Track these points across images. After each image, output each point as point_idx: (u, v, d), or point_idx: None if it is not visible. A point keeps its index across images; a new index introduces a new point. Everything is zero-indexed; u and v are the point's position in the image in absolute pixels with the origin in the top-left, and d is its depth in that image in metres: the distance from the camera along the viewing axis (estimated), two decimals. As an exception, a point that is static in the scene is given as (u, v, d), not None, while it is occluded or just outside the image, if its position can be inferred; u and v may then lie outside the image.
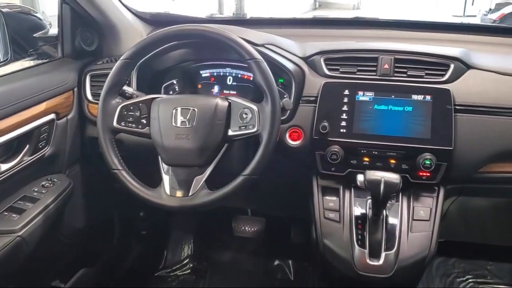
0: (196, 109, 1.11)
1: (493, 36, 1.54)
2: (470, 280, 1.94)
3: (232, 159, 1.28)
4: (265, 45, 1.30)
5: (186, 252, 2.09)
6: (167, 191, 1.12)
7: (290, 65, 1.30)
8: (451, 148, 1.17)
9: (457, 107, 1.21)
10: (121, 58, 1.16)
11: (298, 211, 1.53)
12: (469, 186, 1.29)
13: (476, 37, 1.53)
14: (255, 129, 1.09)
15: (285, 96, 1.30)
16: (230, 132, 1.12)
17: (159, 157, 1.16)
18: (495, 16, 7.89)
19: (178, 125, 1.11)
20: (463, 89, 1.23)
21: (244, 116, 1.11)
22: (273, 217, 2.09)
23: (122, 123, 1.16)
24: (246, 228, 2.12)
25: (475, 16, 9.44)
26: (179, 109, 1.12)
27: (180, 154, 1.11)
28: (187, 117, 1.11)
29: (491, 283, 1.94)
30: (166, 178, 1.14)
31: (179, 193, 1.12)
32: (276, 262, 2.05)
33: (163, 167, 1.16)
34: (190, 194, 1.11)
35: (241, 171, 1.10)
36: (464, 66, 1.26)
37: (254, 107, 1.11)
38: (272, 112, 1.09)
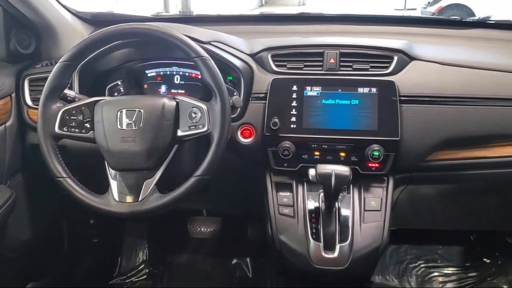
0: (142, 110, 1.08)
1: (433, 27, 1.60)
2: (422, 265, 2.02)
3: (183, 160, 1.25)
4: (212, 43, 1.28)
5: (141, 257, 2.04)
6: (116, 197, 1.09)
7: (238, 62, 1.28)
8: (398, 139, 1.20)
9: (402, 98, 1.24)
10: (60, 60, 1.11)
11: (253, 209, 1.53)
12: (417, 175, 1.33)
13: (417, 29, 1.58)
14: (205, 129, 1.07)
15: (234, 93, 1.29)
16: (180, 133, 1.09)
17: (106, 162, 1.12)
18: (433, 9, 8.24)
19: (124, 127, 1.07)
20: (407, 80, 1.26)
21: (193, 115, 1.09)
22: (229, 216, 2.08)
23: (65, 128, 1.11)
24: (202, 229, 2.09)
25: (415, 9, 9.81)
26: (124, 111, 1.08)
27: (127, 158, 1.07)
28: (133, 119, 1.08)
29: (442, 267, 2.02)
30: (114, 184, 1.10)
31: (128, 199, 1.09)
32: (234, 261, 2.04)
33: (110, 172, 1.12)
34: (140, 199, 1.07)
35: (193, 172, 1.08)
36: (407, 57, 1.29)
37: (203, 106, 1.09)
38: (222, 110, 1.07)
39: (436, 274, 2.00)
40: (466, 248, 2.06)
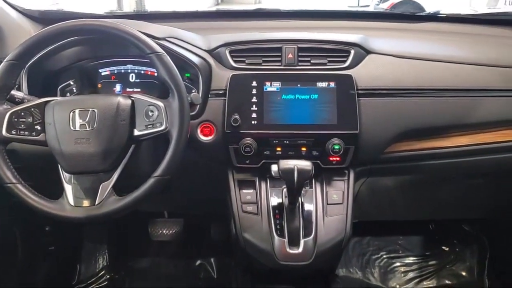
0: (96, 110, 1.03)
1: (388, 21, 1.62)
2: (384, 256, 2.06)
3: (141, 160, 1.21)
4: (167, 39, 1.25)
5: (101, 263, 1.97)
6: (71, 201, 1.04)
7: (195, 59, 1.26)
8: (357, 132, 1.21)
9: (360, 92, 1.24)
10: (5, 59, 1.05)
11: (216, 208, 1.50)
12: (377, 167, 1.35)
13: (373, 24, 1.60)
14: (163, 127, 1.04)
15: (193, 90, 1.26)
16: (136, 132, 1.06)
17: (59, 166, 1.06)
18: (386, 5, 8.45)
19: (77, 128, 1.03)
20: (364, 73, 1.27)
21: (150, 114, 1.05)
22: (191, 217, 2.04)
23: (13, 132, 1.05)
24: (164, 231, 2.04)
25: (368, 6, 10.02)
26: (77, 111, 1.03)
27: (81, 160, 1.02)
28: (87, 119, 1.03)
29: (403, 257, 2.07)
30: (68, 188, 1.05)
31: (85, 203, 1.04)
32: (198, 262, 2.01)
33: (64, 176, 1.07)
34: (97, 203, 1.03)
35: (152, 172, 1.04)
36: (363, 51, 1.30)
37: (160, 104, 1.05)
38: (180, 108, 1.04)
39: (398, 264, 2.05)
40: (426, 237, 2.12)
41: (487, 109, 1.29)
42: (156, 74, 1.31)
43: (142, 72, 1.36)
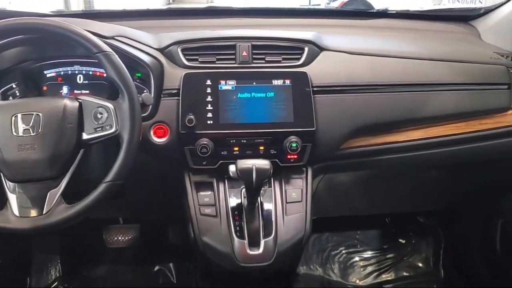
0: (40, 114, 0.97)
1: (340, 19, 1.64)
2: (343, 252, 2.08)
3: (91, 165, 1.16)
4: (115, 37, 1.20)
5: (53, 274, 1.88)
6: (16, 212, 0.97)
7: (146, 57, 1.21)
8: (314, 129, 1.20)
9: (315, 89, 1.24)
10: None
11: (173, 212, 1.46)
12: (334, 163, 1.35)
13: (325, 21, 1.61)
14: (113, 130, 0.99)
15: (144, 91, 1.21)
16: (85, 136, 1.00)
17: (1, 174, 1.00)
18: (336, 4, 8.62)
19: (20, 134, 0.96)
20: (319, 70, 1.27)
21: (99, 116, 1.00)
22: (147, 222, 1.98)
23: None
24: (119, 238, 1.97)
25: (319, 5, 10.19)
26: (19, 115, 0.97)
27: (26, 167, 0.96)
28: (30, 124, 0.96)
29: (361, 251, 2.10)
30: (13, 198, 0.98)
31: (32, 213, 0.97)
32: (157, 268, 1.96)
33: (8, 185, 0.99)
34: (44, 212, 0.97)
35: (103, 177, 0.99)
36: (317, 48, 1.30)
37: (110, 105, 1.00)
38: (130, 109, 1.00)
39: (357, 259, 2.08)
40: (382, 231, 2.17)
41: (439, 103, 1.32)
42: (105, 75, 1.25)
43: (90, 73, 1.30)
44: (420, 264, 2.07)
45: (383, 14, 1.72)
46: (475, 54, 1.42)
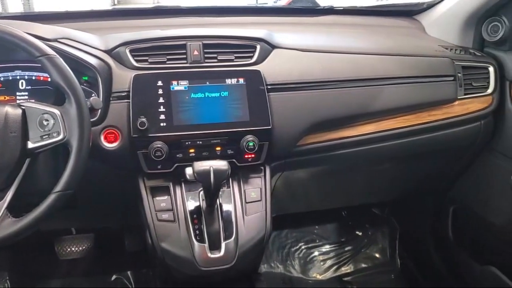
0: None
1: (290, 16, 1.65)
2: (303, 247, 2.10)
3: (39, 175, 1.10)
4: (59, 40, 1.14)
5: (1, 292, 1.78)
6: (-45, 229, 0.90)
7: (92, 60, 1.16)
8: (270, 127, 1.20)
9: (269, 87, 1.24)
10: None
11: (129, 218, 1.42)
12: (291, 161, 1.35)
13: (275, 19, 1.62)
14: (60, 137, 0.94)
15: (92, 94, 1.16)
16: (30, 145, 0.95)
17: None
18: (283, 2, 8.70)
19: None
20: (272, 68, 1.26)
21: (45, 123, 0.95)
22: (102, 230, 1.91)
23: None
24: (72, 249, 1.89)
25: (266, 3, 10.23)
26: None
27: None
28: None
29: (320, 245, 2.13)
30: None
31: None
32: (114, 277, 1.90)
33: None
34: None
35: (52, 187, 0.94)
36: (269, 46, 1.29)
37: (56, 111, 0.95)
38: (78, 114, 0.95)
39: (316, 253, 2.10)
40: (340, 224, 2.20)
41: (389, 97, 1.35)
42: (49, 79, 1.19)
43: (33, 77, 1.23)
44: (377, 255, 2.12)
45: (331, 10, 1.74)
46: (421, 48, 1.47)
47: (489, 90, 1.44)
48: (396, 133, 1.39)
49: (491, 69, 1.44)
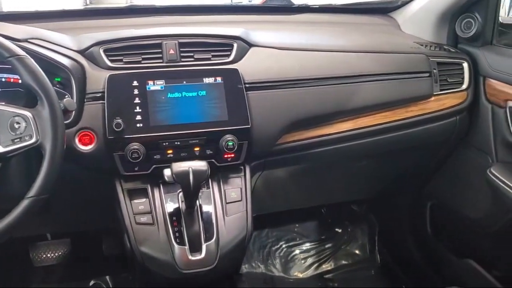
0: None
1: (266, 14, 1.64)
2: (284, 246, 2.10)
3: (11, 180, 1.06)
4: (29, 40, 1.11)
5: (-27, 303, 1.72)
6: None
7: (65, 60, 1.13)
8: (249, 126, 1.19)
9: (247, 86, 1.23)
10: None
11: (106, 222, 1.39)
12: (270, 160, 1.35)
13: (252, 17, 1.61)
14: (33, 140, 0.91)
15: (66, 96, 1.13)
16: (1, 149, 0.91)
17: None
18: (258, 1, 8.72)
19: None
20: (249, 67, 1.25)
21: (17, 126, 0.92)
22: (78, 235, 1.87)
23: None
24: (48, 255, 1.84)
25: (241, 1, 10.24)
26: None
27: None
28: None
29: (301, 244, 2.13)
30: None
31: None
32: (92, 282, 1.85)
33: None
34: None
35: (26, 192, 0.91)
36: (246, 44, 1.28)
37: (28, 114, 0.92)
38: (51, 116, 0.92)
39: (297, 252, 2.11)
40: (319, 222, 2.21)
41: (366, 94, 1.36)
42: (20, 81, 1.15)
43: (3, 79, 1.19)
44: (357, 251, 2.14)
45: (306, 9, 1.75)
46: (397, 45, 1.48)
47: (464, 86, 1.46)
48: (373, 130, 1.40)
49: (465, 65, 1.46)
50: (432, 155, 1.64)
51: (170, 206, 1.16)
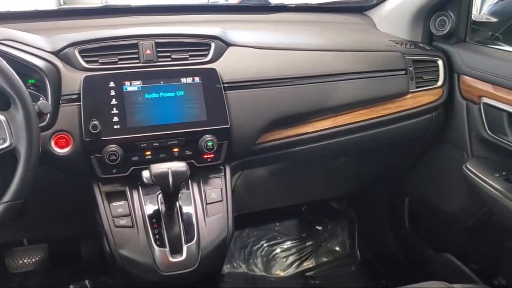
0: None
1: (243, 14, 1.64)
2: (265, 245, 2.10)
3: None
4: (1, 41, 1.08)
5: None
6: None
7: (39, 62, 1.10)
8: (228, 126, 1.19)
9: (226, 85, 1.22)
10: None
11: (84, 225, 1.36)
12: (250, 159, 1.35)
13: (229, 16, 1.61)
14: (7, 144, 0.89)
15: (40, 98, 1.10)
16: None
17: None
18: (235, 1, 8.71)
19: None
20: (227, 66, 1.25)
21: None
22: (56, 240, 1.83)
23: None
24: (25, 261, 1.80)
25: (218, 1, 10.21)
26: None
27: None
28: None
29: (282, 242, 2.14)
30: None
31: None
32: (71, 287, 1.82)
33: None
34: None
35: (0, 198, 0.89)
36: (224, 44, 1.28)
37: (1, 117, 0.90)
38: (26, 119, 0.90)
39: (278, 250, 2.11)
40: (300, 220, 2.22)
41: (344, 92, 1.37)
42: None
43: None
44: (338, 248, 2.15)
45: (282, 8, 1.76)
46: (373, 43, 1.50)
47: (439, 83, 1.48)
48: (351, 128, 1.41)
49: (440, 62, 1.49)
50: (409, 152, 1.67)
51: (149, 208, 1.15)
